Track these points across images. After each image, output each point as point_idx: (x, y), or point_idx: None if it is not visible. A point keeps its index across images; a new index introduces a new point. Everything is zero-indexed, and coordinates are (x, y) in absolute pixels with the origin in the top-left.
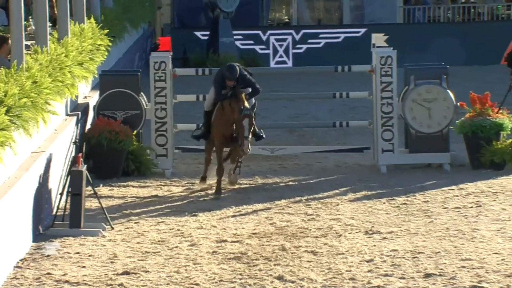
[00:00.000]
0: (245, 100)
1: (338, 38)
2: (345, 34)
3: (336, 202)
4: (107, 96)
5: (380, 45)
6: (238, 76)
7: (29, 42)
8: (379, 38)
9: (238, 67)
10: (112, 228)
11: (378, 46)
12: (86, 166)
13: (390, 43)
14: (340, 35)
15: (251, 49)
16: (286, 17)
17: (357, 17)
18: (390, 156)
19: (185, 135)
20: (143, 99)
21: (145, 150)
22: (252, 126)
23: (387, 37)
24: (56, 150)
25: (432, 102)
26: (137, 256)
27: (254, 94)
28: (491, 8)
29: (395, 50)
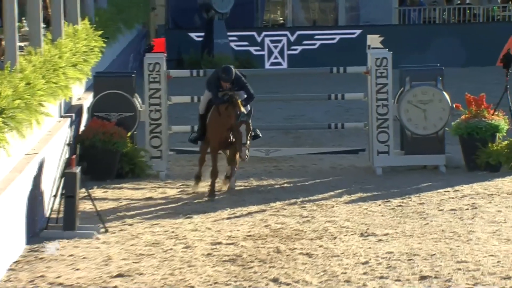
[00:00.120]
0: (241, 105)
1: (333, 39)
2: (340, 35)
3: (331, 204)
4: (101, 97)
5: (375, 46)
6: (233, 78)
7: (22, 43)
8: (375, 40)
9: (233, 69)
10: (106, 230)
11: (373, 48)
12: (80, 168)
13: (385, 45)
14: (335, 36)
15: (246, 50)
16: (281, 18)
17: (352, 18)
18: (386, 158)
19: (179, 137)
20: (138, 101)
21: (139, 152)
22: (249, 132)
23: (383, 38)
24: (49, 152)
25: (427, 103)
26: (131, 258)
27: (249, 100)
28: (487, 9)
29: (391, 52)
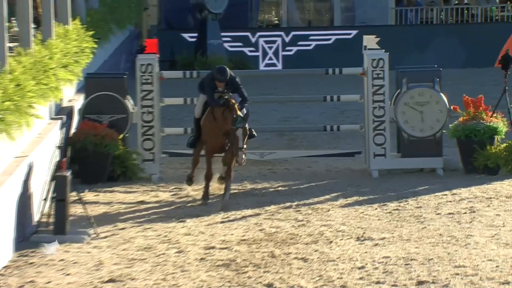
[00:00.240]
0: (237, 109)
1: (329, 40)
2: (336, 36)
3: (327, 208)
4: (93, 99)
5: (371, 47)
6: (228, 78)
7: (12, 44)
8: (371, 40)
9: (228, 69)
10: (97, 234)
11: (369, 48)
12: (71, 171)
13: (382, 45)
14: (331, 37)
15: (240, 51)
16: (275, 18)
17: (348, 18)
18: (382, 160)
19: (172, 139)
20: (130, 103)
21: (131, 154)
22: (246, 136)
23: (379, 39)
24: (40, 155)
25: (424, 105)
26: (123, 263)
27: (244, 102)
28: (485, 9)
29: (387, 53)
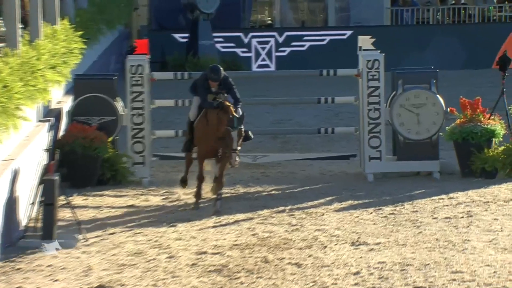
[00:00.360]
0: (232, 110)
1: (323, 41)
2: (330, 37)
3: (321, 212)
4: (81, 101)
5: (366, 48)
6: (222, 78)
7: None
8: (366, 41)
9: (221, 69)
10: (86, 239)
11: (364, 49)
12: (59, 174)
13: (377, 46)
14: (325, 38)
15: (232, 52)
16: (268, 18)
17: (342, 18)
18: (377, 164)
19: (163, 142)
20: (119, 105)
21: (121, 157)
22: (241, 138)
23: (374, 39)
24: (27, 158)
25: (420, 107)
26: (112, 268)
27: (237, 104)
28: (482, 9)
29: (383, 53)
